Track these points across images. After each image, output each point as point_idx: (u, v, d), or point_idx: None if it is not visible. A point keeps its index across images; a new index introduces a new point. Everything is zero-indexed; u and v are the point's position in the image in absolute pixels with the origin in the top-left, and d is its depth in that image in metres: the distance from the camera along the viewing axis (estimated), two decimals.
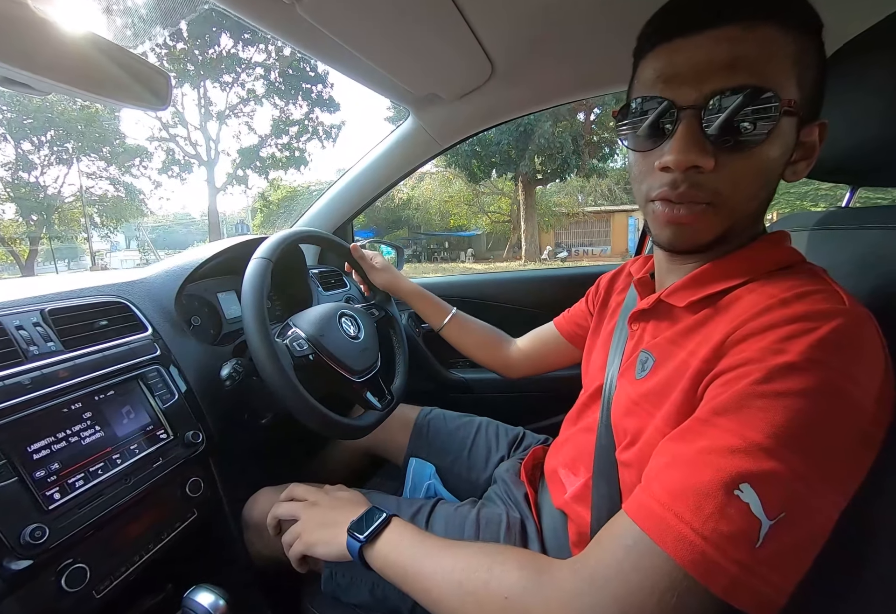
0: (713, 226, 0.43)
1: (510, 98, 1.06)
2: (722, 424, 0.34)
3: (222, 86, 16.42)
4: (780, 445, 0.31)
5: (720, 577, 0.30)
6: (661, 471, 0.36)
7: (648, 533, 0.33)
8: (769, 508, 0.30)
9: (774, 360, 0.34)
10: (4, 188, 14.73)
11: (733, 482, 0.31)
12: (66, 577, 0.50)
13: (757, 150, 0.39)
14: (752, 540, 0.30)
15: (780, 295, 0.38)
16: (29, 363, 0.55)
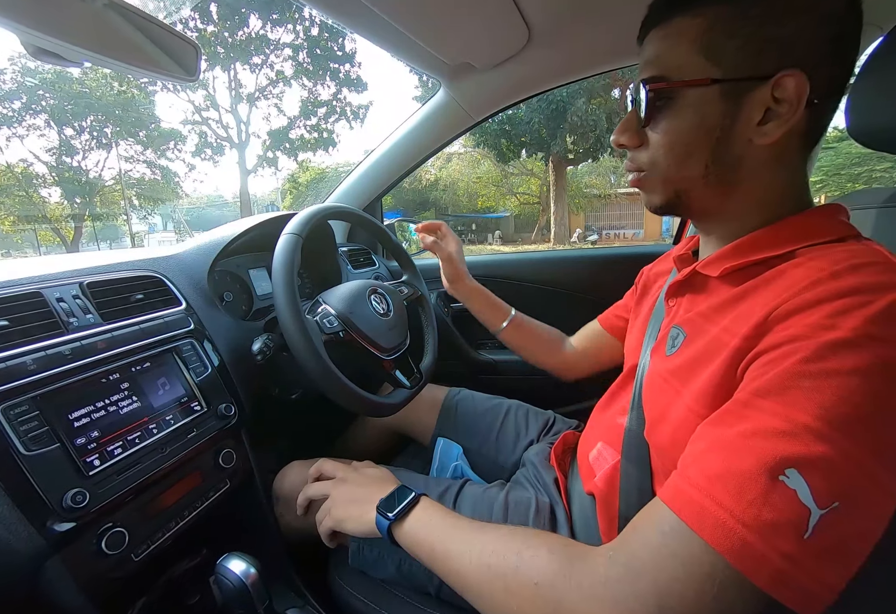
0: (656, 191, 0.49)
1: (546, 66, 1.01)
2: (765, 406, 0.32)
3: (252, 68, 16.49)
4: (831, 428, 0.29)
5: (763, 569, 0.28)
6: (699, 456, 0.34)
7: (685, 519, 0.31)
8: (819, 496, 0.28)
9: (825, 336, 0.31)
10: (50, 172, 15.39)
11: (778, 467, 0.29)
12: (106, 540, 0.52)
13: (662, 125, 0.45)
14: (799, 530, 0.28)
15: (830, 268, 0.35)
16: (69, 334, 0.56)
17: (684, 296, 0.52)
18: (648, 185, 0.49)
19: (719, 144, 0.43)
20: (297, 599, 0.74)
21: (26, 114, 14.28)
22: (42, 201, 15.88)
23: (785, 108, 0.40)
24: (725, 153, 0.43)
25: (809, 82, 0.39)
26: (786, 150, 0.43)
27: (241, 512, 0.77)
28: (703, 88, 0.42)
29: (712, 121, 0.42)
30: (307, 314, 0.71)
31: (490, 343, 1.40)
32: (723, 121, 0.42)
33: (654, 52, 0.44)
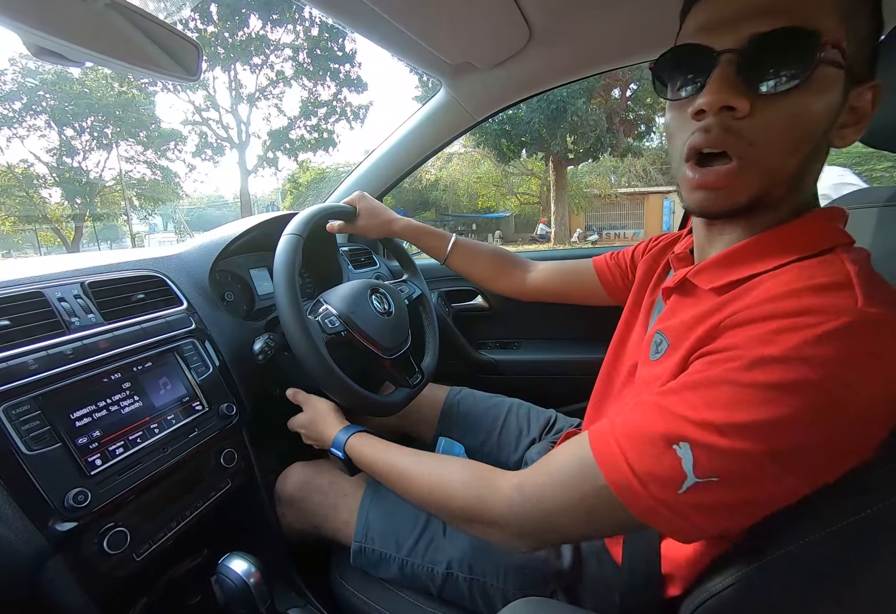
0: (746, 185, 0.40)
1: (547, 65, 1.01)
2: (689, 398, 0.36)
3: (252, 68, 16.48)
4: (734, 430, 0.33)
5: (637, 503, 0.36)
6: (629, 411, 0.40)
7: (595, 454, 0.39)
8: (699, 469, 0.33)
9: (759, 351, 0.33)
10: (50, 173, 15.39)
11: (675, 439, 0.35)
12: (107, 540, 0.52)
13: (795, 96, 0.36)
14: (675, 486, 0.34)
15: (794, 284, 0.36)
16: (71, 334, 0.56)
17: (671, 298, 0.51)
18: (736, 182, 0.40)
19: (822, 137, 0.38)
20: (298, 599, 0.74)
21: (27, 114, 14.28)
22: (42, 202, 15.88)
23: (858, 117, 0.39)
24: (819, 150, 0.39)
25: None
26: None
27: (242, 512, 0.77)
28: (839, 69, 0.36)
29: (831, 109, 0.37)
30: (308, 314, 0.71)
31: (491, 342, 1.40)
32: (835, 111, 0.38)
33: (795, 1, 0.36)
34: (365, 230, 0.87)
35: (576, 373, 1.22)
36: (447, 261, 0.90)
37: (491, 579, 0.60)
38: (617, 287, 0.79)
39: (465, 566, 0.61)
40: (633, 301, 0.68)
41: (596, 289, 0.82)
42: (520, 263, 0.91)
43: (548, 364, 1.28)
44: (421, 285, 0.96)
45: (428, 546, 0.64)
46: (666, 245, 0.69)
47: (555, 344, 1.34)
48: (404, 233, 0.89)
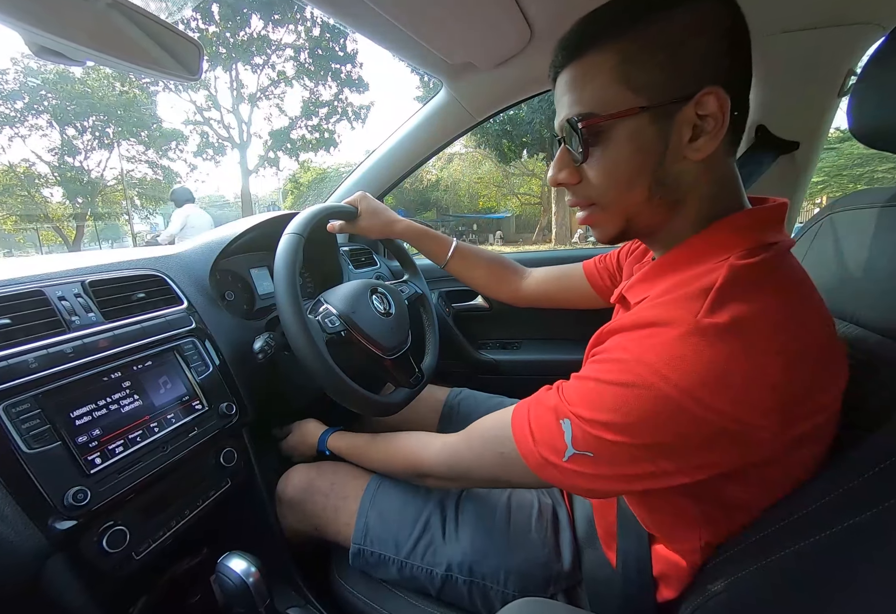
0: (606, 221, 0.48)
1: (548, 66, 1.00)
2: (571, 390, 0.43)
3: (253, 68, 16.49)
4: (599, 425, 0.39)
5: (532, 458, 0.44)
6: (543, 390, 0.48)
7: (512, 419, 0.48)
8: (575, 443, 0.40)
9: (615, 354, 0.40)
10: (52, 172, 15.42)
11: (562, 416, 0.42)
12: (107, 539, 0.52)
13: (599, 158, 0.44)
14: (559, 453, 0.42)
15: (662, 297, 0.42)
16: (71, 332, 0.56)
17: (619, 310, 0.56)
18: (600, 220, 0.49)
19: (658, 167, 0.43)
20: (298, 598, 0.74)
21: (29, 114, 14.31)
22: (44, 201, 15.92)
23: (711, 124, 0.41)
24: (665, 174, 0.43)
25: (729, 95, 0.40)
26: (714, 161, 0.43)
27: (242, 512, 0.77)
28: (633, 118, 0.42)
29: (648, 146, 0.43)
30: (309, 313, 0.71)
31: (491, 342, 1.40)
32: (657, 145, 0.42)
33: (575, 90, 0.44)
34: (366, 231, 0.87)
35: None
36: (447, 266, 0.90)
37: (490, 582, 0.60)
38: (606, 288, 0.79)
39: (465, 568, 0.61)
40: None
41: (587, 292, 0.83)
42: (516, 270, 0.92)
43: (548, 364, 1.28)
44: (421, 285, 0.96)
45: (427, 548, 0.64)
46: (645, 248, 0.69)
47: (556, 344, 1.34)
48: (405, 235, 0.89)
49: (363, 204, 0.86)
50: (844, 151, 9.68)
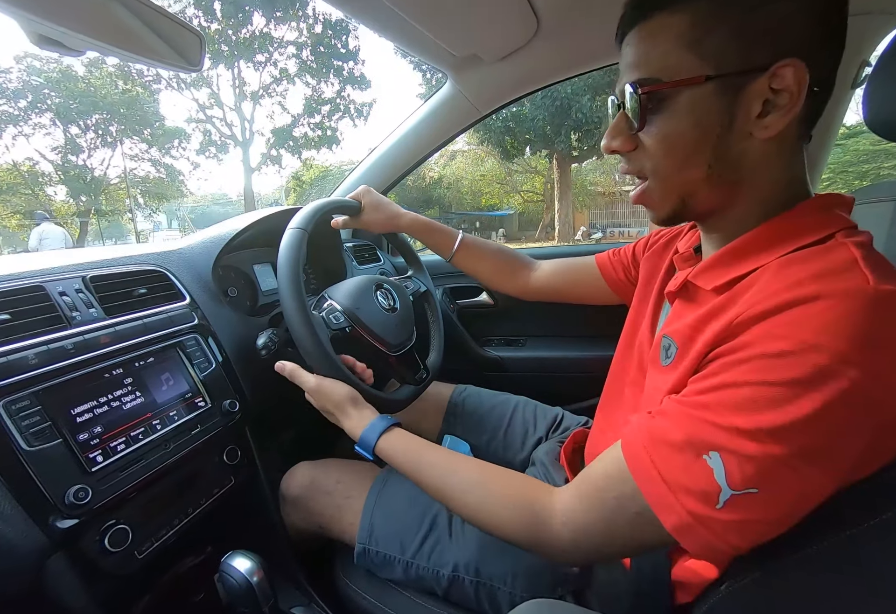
0: (660, 201, 0.46)
1: (554, 58, 0.99)
2: (709, 402, 0.35)
3: (256, 66, 16.48)
4: (761, 432, 0.32)
5: (671, 517, 0.35)
6: (655, 416, 0.39)
7: (630, 468, 0.38)
8: (732, 479, 0.32)
9: (772, 347, 0.33)
10: (56, 170, 15.47)
11: (704, 447, 0.34)
12: (109, 537, 0.51)
13: (657, 127, 0.42)
14: (710, 500, 0.33)
15: (795, 275, 0.36)
16: (72, 328, 0.56)
17: (676, 301, 0.51)
18: (653, 199, 0.47)
19: (720, 142, 0.41)
20: (302, 597, 0.73)
21: (32, 112, 14.34)
22: (48, 199, 15.98)
23: (785, 99, 0.38)
24: (727, 151, 0.41)
25: (809, 70, 0.37)
26: (785, 142, 0.41)
27: (246, 510, 0.76)
28: (698, 87, 0.39)
29: (710, 119, 0.40)
30: (313, 309, 0.70)
31: (496, 339, 1.39)
32: (721, 118, 0.40)
33: (641, 51, 0.42)
34: (369, 225, 0.85)
35: (582, 370, 1.21)
36: (453, 259, 0.88)
37: (498, 583, 0.59)
38: (621, 283, 0.77)
39: (472, 569, 0.60)
40: (638, 300, 0.66)
41: (599, 287, 0.81)
42: (525, 263, 0.90)
43: (554, 361, 1.27)
44: (426, 281, 0.95)
45: (433, 548, 0.63)
46: (668, 240, 0.68)
47: (561, 341, 1.33)
48: (410, 229, 0.87)
49: (366, 198, 0.84)
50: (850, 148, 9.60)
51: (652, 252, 0.68)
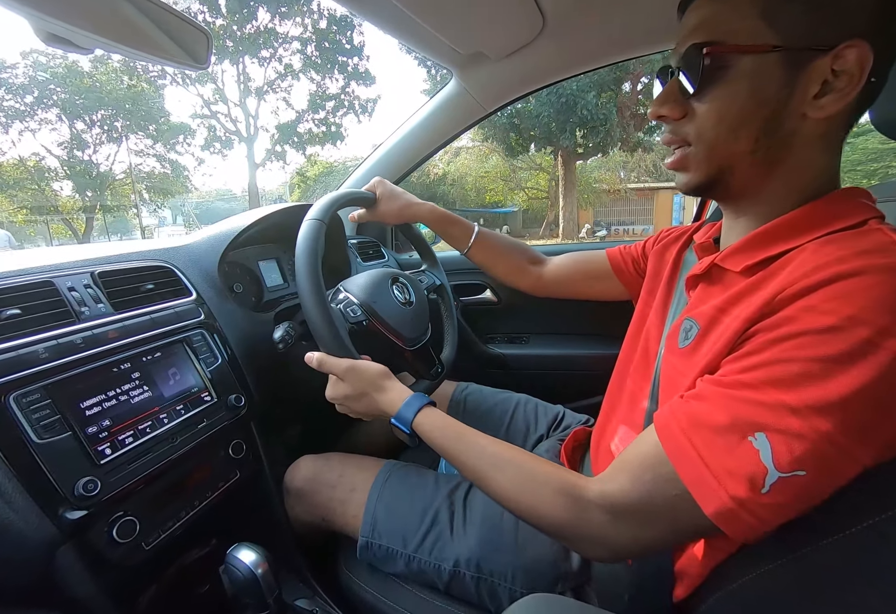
0: (697, 166, 0.45)
1: (560, 56, 0.99)
2: (753, 380, 0.34)
3: (260, 61, 16.46)
4: (809, 409, 0.31)
5: (712, 502, 0.34)
6: (689, 401, 0.38)
7: (667, 452, 0.37)
8: (779, 460, 0.32)
9: (817, 322, 0.33)
10: (62, 166, 15.52)
11: (749, 428, 0.33)
12: (117, 529, 0.52)
13: (713, 93, 0.42)
14: (755, 484, 0.32)
15: (837, 253, 0.36)
16: (81, 323, 0.56)
17: (698, 287, 0.51)
18: (691, 163, 0.46)
19: (773, 117, 0.41)
20: (306, 590, 0.74)
21: (38, 108, 14.39)
22: (54, 194, 16.04)
23: (844, 82, 0.38)
24: (777, 127, 0.41)
25: (872, 55, 0.37)
26: (832, 128, 0.41)
27: (250, 503, 0.77)
28: (762, 55, 0.39)
29: (768, 91, 0.40)
30: (329, 302, 0.70)
31: (499, 337, 1.39)
32: (779, 92, 0.40)
33: (708, 14, 0.41)
34: (386, 215, 0.84)
35: (584, 368, 1.21)
36: (468, 252, 0.87)
37: (498, 578, 0.60)
38: (630, 275, 0.78)
39: (473, 565, 0.61)
40: (646, 292, 0.67)
41: (610, 281, 0.81)
42: (537, 258, 0.90)
43: (556, 359, 1.27)
44: (440, 276, 0.94)
45: (435, 543, 0.63)
46: (677, 236, 0.68)
47: (563, 339, 1.33)
48: (428, 218, 0.85)
49: (381, 188, 0.84)
50: (859, 146, 9.51)
51: (661, 245, 0.68)
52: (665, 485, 0.36)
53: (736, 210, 0.49)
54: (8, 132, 14.55)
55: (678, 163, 0.47)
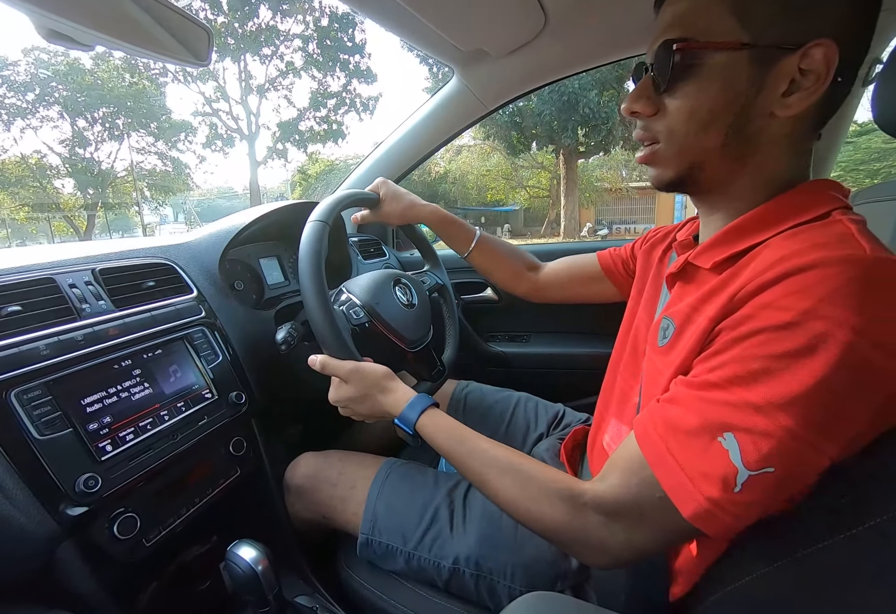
0: (669, 162, 0.46)
1: (562, 53, 0.98)
2: (718, 380, 0.35)
3: (262, 59, 16.44)
4: (772, 405, 0.32)
5: (689, 504, 0.35)
6: (663, 405, 0.40)
7: (647, 458, 0.38)
8: (748, 459, 0.32)
9: (774, 319, 0.33)
10: (63, 163, 15.53)
11: (718, 429, 0.34)
12: (118, 525, 0.53)
13: (683, 89, 0.42)
14: (728, 484, 0.33)
15: (795, 246, 0.36)
16: (82, 320, 0.56)
17: (676, 284, 0.51)
18: (661, 159, 0.47)
19: (742, 112, 0.41)
20: (306, 587, 0.74)
21: (40, 105, 14.39)
22: (56, 192, 16.06)
23: (811, 81, 0.39)
24: (746, 123, 0.41)
25: (839, 54, 0.37)
26: (798, 126, 0.42)
27: (251, 500, 0.77)
28: (733, 52, 0.40)
29: (738, 87, 0.40)
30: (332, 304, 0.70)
31: (500, 335, 1.39)
32: (748, 88, 0.40)
33: (681, 11, 0.42)
34: (389, 216, 0.84)
35: (585, 367, 1.21)
36: (469, 256, 0.88)
37: (497, 576, 0.60)
38: (622, 277, 0.78)
39: (472, 562, 0.61)
40: (635, 291, 0.67)
41: (603, 283, 0.82)
42: (533, 264, 0.90)
43: (557, 357, 1.27)
44: (442, 276, 0.94)
45: (434, 540, 0.63)
46: (664, 235, 0.68)
47: (564, 337, 1.33)
48: (431, 219, 0.86)
49: (384, 189, 0.83)
50: (861, 145, 9.47)
51: (649, 245, 0.69)
52: (649, 489, 0.37)
53: (710, 206, 0.49)
54: (10, 129, 14.57)
55: (649, 159, 0.48)
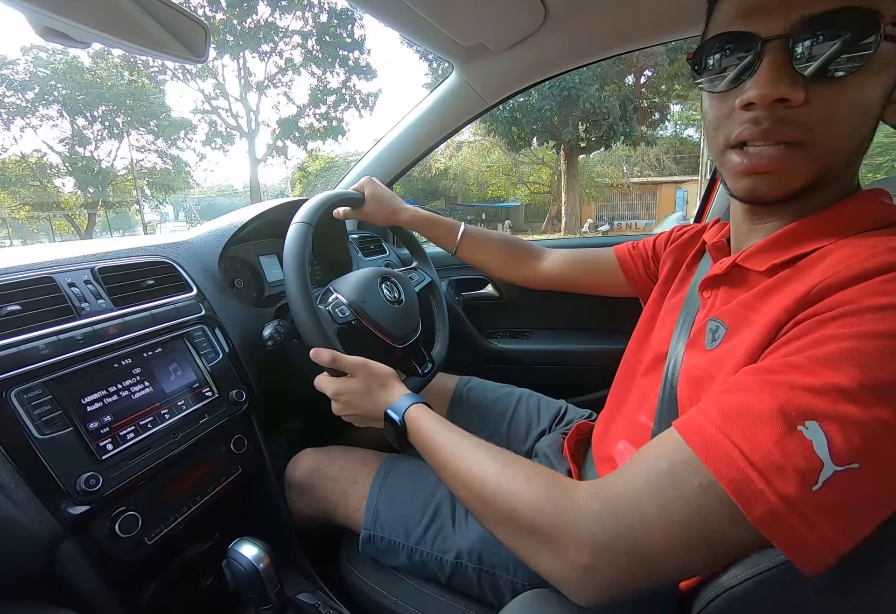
0: (803, 169, 0.38)
1: (562, 48, 0.98)
2: (798, 362, 0.31)
3: (261, 56, 16.39)
4: (865, 390, 0.28)
5: (758, 505, 0.28)
6: (721, 395, 0.33)
7: (694, 448, 0.31)
8: (836, 452, 0.27)
9: (872, 301, 0.30)
10: (63, 162, 15.54)
11: (799, 416, 0.28)
12: (119, 523, 0.52)
13: (854, 80, 0.35)
14: (808, 480, 0.27)
15: (881, 245, 0.34)
16: (81, 319, 0.56)
17: (720, 288, 0.49)
18: (794, 164, 0.38)
19: (880, 114, 0.37)
20: (308, 584, 0.75)
21: (39, 104, 14.39)
22: (56, 191, 16.08)
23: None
24: (873, 127, 0.37)
25: None
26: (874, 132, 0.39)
27: (252, 498, 0.77)
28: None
29: (888, 85, 0.36)
30: (319, 303, 0.70)
31: (501, 332, 1.39)
32: (891, 86, 0.36)
33: None
34: (371, 217, 0.86)
35: (587, 363, 1.21)
36: (457, 252, 0.88)
37: (500, 571, 0.60)
38: (639, 276, 0.77)
39: (475, 557, 0.61)
40: (659, 293, 0.66)
41: (615, 278, 0.80)
42: (532, 251, 0.89)
43: (558, 354, 1.27)
44: (430, 273, 0.95)
45: (437, 535, 0.63)
46: (691, 236, 0.67)
47: (566, 334, 1.33)
48: (412, 224, 0.87)
49: (368, 189, 0.85)
50: None
51: (675, 247, 0.67)
52: (685, 484, 0.31)
53: (770, 213, 0.44)
54: (10, 128, 14.57)
55: (777, 165, 0.38)
